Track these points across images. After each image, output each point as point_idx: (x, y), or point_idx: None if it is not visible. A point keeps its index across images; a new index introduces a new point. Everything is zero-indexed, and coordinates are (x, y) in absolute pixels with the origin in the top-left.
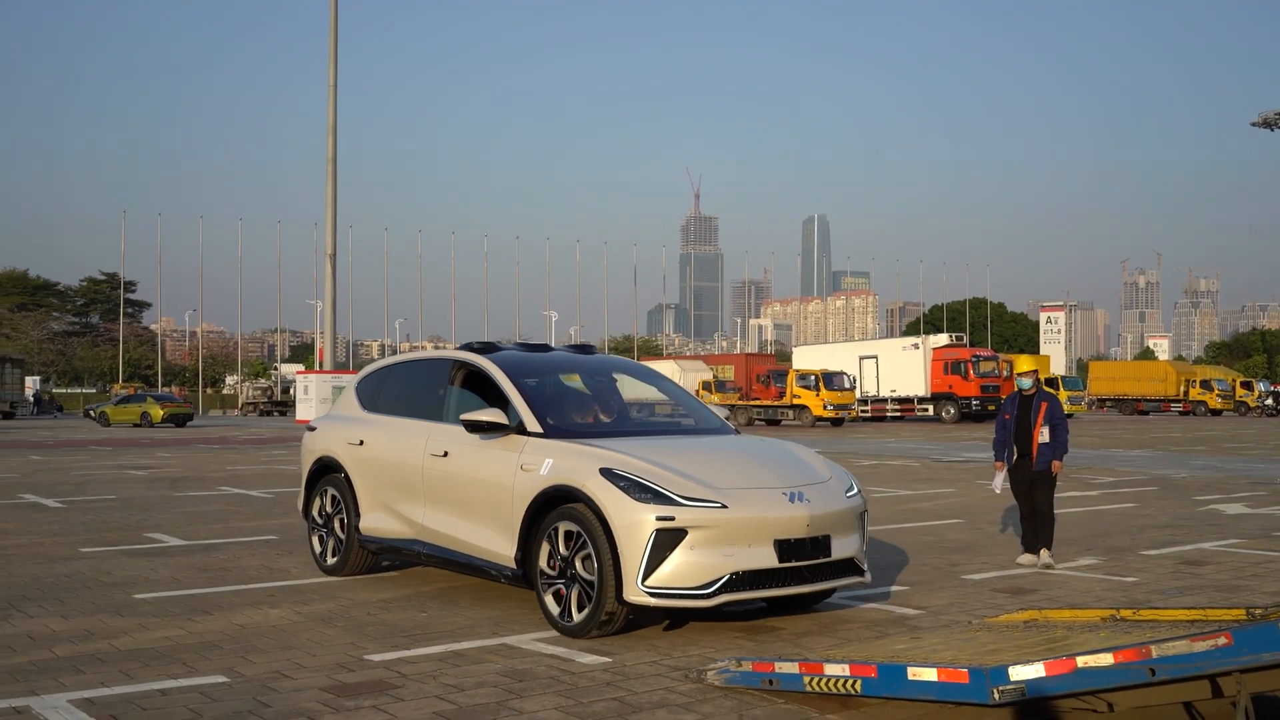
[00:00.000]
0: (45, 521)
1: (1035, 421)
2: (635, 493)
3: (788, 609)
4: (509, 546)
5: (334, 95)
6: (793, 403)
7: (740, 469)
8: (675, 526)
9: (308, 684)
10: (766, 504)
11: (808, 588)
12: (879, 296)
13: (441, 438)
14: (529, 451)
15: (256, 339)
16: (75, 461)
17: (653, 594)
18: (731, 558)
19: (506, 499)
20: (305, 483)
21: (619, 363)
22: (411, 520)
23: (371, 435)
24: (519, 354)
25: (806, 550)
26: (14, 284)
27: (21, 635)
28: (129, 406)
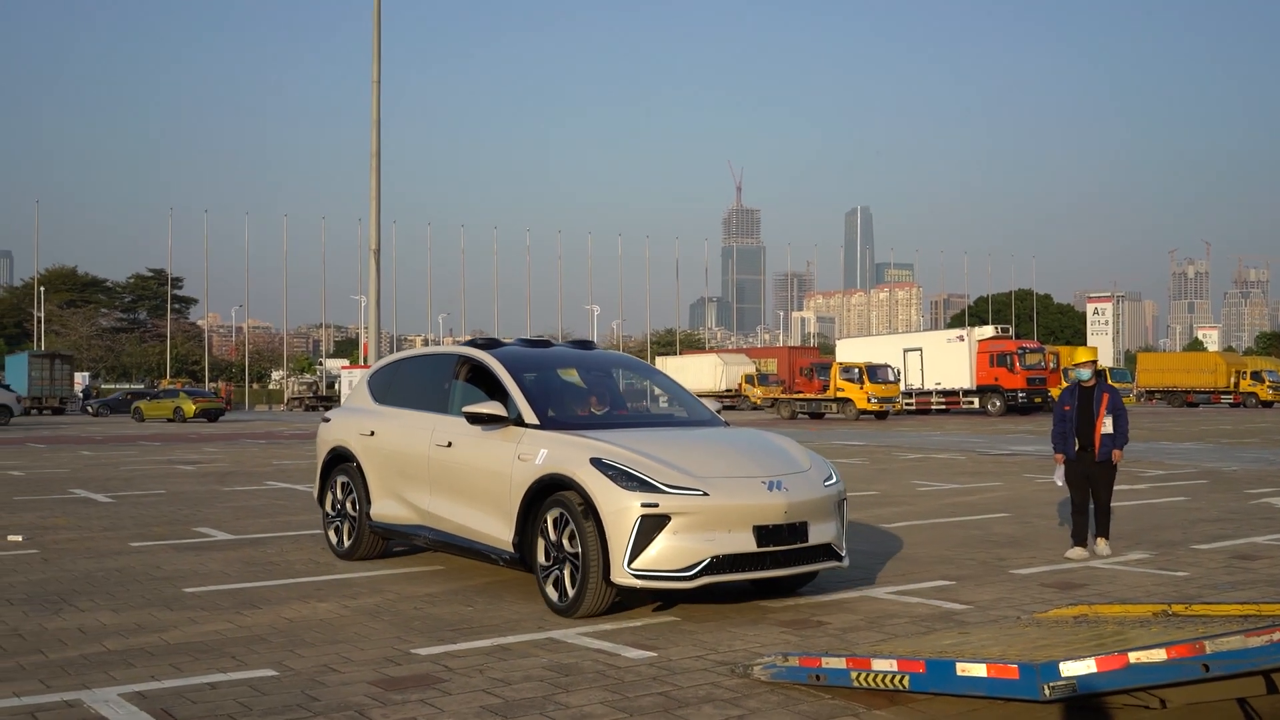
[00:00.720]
0: (95, 516)
1: (1098, 412)
2: (622, 481)
3: (773, 592)
4: (507, 531)
5: (378, 91)
6: (836, 396)
7: (723, 459)
8: (659, 513)
9: (355, 678)
10: (746, 492)
11: (785, 571)
12: (922, 288)
13: (446, 429)
14: (526, 442)
15: (301, 334)
16: (124, 457)
17: (638, 575)
18: (712, 542)
19: (505, 487)
20: (320, 472)
21: (616, 358)
22: (418, 507)
23: (381, 426)
24: (520, 349)
25: (784, 536)
26: (63, 281)
27: (73, 629)
28: (163, 402)
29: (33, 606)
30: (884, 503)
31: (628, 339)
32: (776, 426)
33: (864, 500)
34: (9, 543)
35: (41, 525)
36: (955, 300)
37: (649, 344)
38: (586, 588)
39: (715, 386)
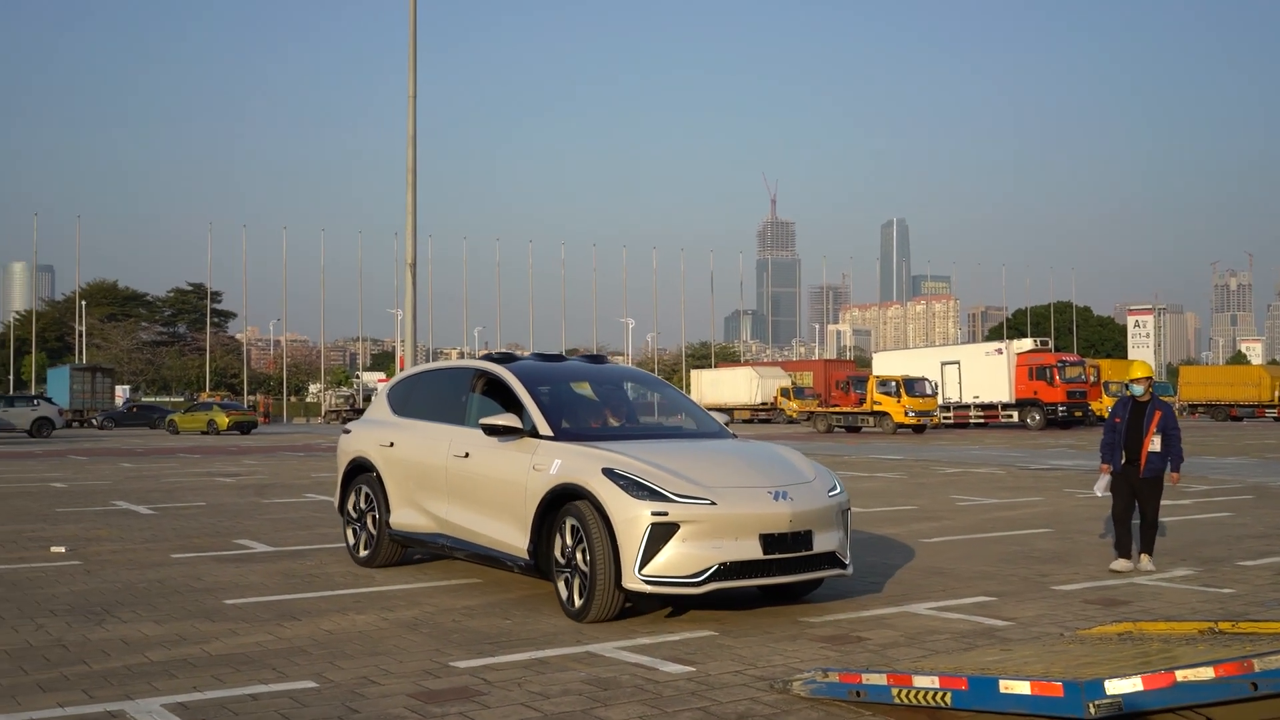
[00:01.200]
0: (137, 528)
1: (1147, 429)
2: (633, 490)
3: (781, 598)
4: (522, 539)
5: (413, 106)
6: (873, 409)
7: (730, 469)
8: (669, 521)
9: (395, 690)
10: (753, 501)
11: (790, 578)
12: (960, 301)
13: (463, 440)
14: (540, 453)
15: (338, 347)
16: (165, 469)
17: (649, 581)
18: (720, 550)
19: (520, 496)
20: (341, 481)
21: (627, 371)
22: (436, 515)
23: (401, 438)
24: (534, 363)
25: (789, 544)
26: (104, 295)
27: (115, 640)
28: (197, 415)
29: (76, 617)
30: (922, 517)
31: (662, 352)
32: (812, 440)
33: (902, 515)
34: (52, 554)
35: (84, 537)
36: (993, 313)
37: (684, 357)
38: (595, 593)
39: (750, 400)
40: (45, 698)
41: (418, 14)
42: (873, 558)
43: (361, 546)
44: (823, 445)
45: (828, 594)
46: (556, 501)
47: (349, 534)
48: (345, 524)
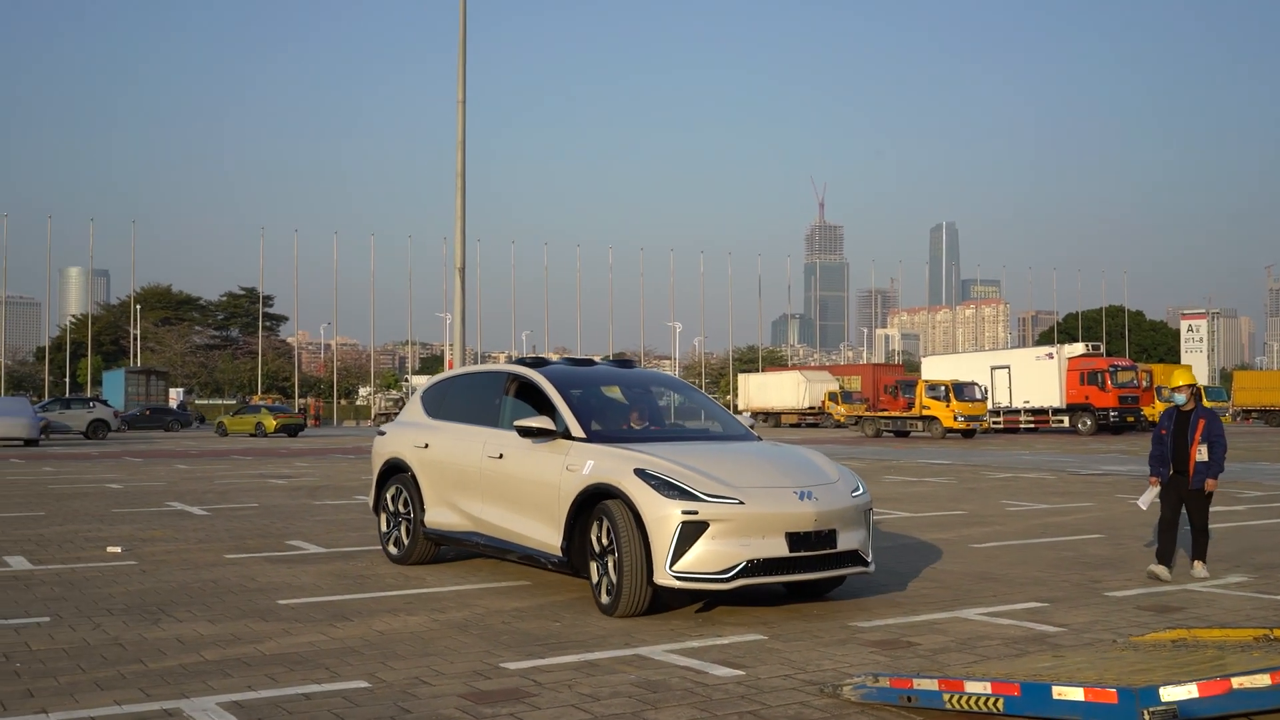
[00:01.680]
0: (191, 529)
1: (1192, 439)
2: (664, 490)
3: (805, 595)
4: (555, 537)
5: (463, 111)
6: (922, 414)
7: (757, 470)
8: (699, 519)
9: (446, 690)
10: (779, 501)
11: (815, 575)
12: (1010, 305)
13: (497, 442)
14: (574, 454)
15: (388, 351)
16: (218, 470)
17: (679, 578)
18: (747, 547)
19: (553, 496)
20: (376, 482)
21: (655, 376)
22: (470, 514)
23: (435, 439)
24: (566, 368)
25: (814, 542)
26: (158, 299)
27: (171, 639)
28: (245, 417)
29: (132, 616)
30: (972, 522)
31: (709, 356)
32: (860, 445)
33: (952, 520)
34: (108, 554)
35: (139, 537)
36: (1044, 317)
37: (730, 361)
38: (623, 588)
39: (798, 404)
40: (103, 696)
41: (467, 18)
42: (922, 562)
43: (395, 544)
44: (871, 450)
45: (877, 599)
46: (589, 501)
47: (383, 532)
48: (380, 523)
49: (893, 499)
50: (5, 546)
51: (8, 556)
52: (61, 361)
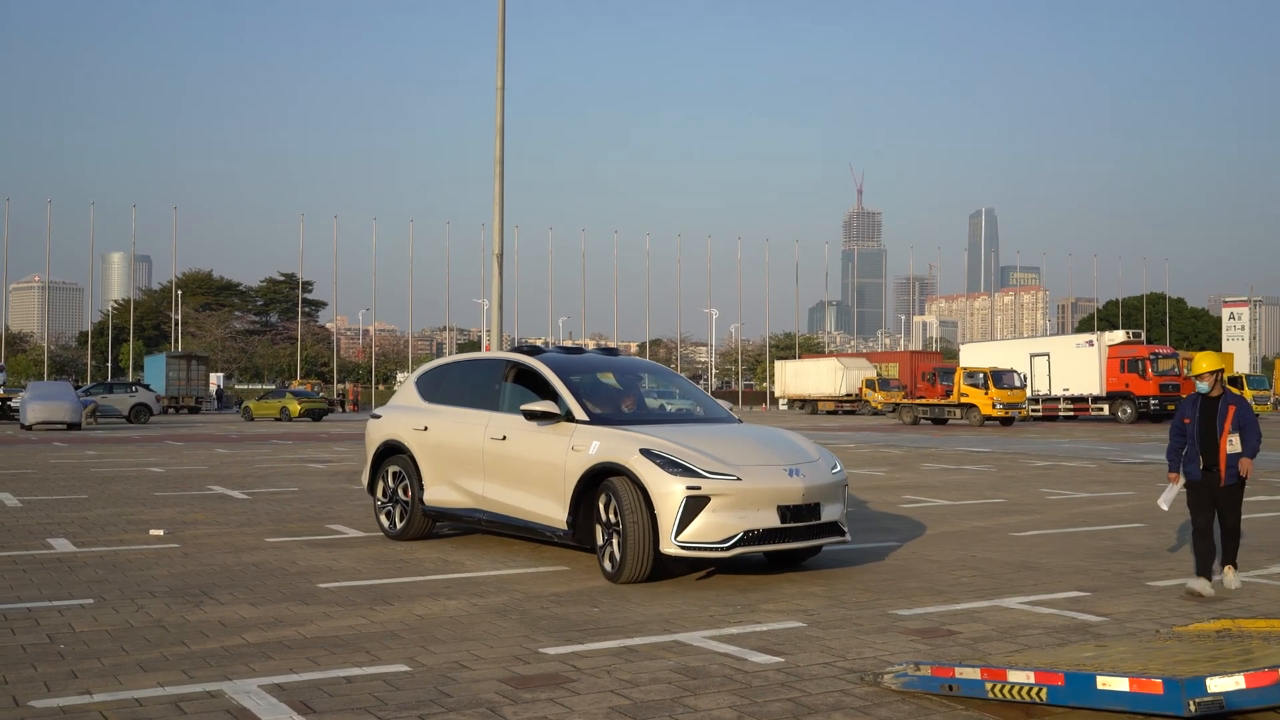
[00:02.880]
0: (232, 512)
1: (1222, 428)
2: (669, 468)
3: (784, 564)
4: (561, 512)
5: (502, 98)
6: (960, 401)
7: (749, 450)
8: (701, 494)
9: (486, 675)
10: (771, 477)
11: (803, 544)
12: (1049, 292)
13: (500, 424)
14: (578, 435)
15: (425, 337)
16: (258, 455)
17: (684, 547)
18: (744, 519)
19: (559, 474)
20: (371, 462)
21: (644, 363)
22: (472, 492)
23: (434, 422)
24: (563, 356)
25: (802, 514)
26: (199, 285)
27: (214, 621)
28: (270, 402)
29: (175, 599)
30: (1012, 510)
31: (746, 342)
32: (898, 432)
33: (991, 508)
34: (151, 537)
35: (181, 520)
36: (1083, 304)
37: (767, 348)
38: (628, 556)
39: (835, 391)
40: (146, 677)
41: (507, 5)
42: (963, 550)
43: (395, 521)
44: (909, 437)
45: (917, 586)
46: (594, 478)
47: (379, 509)
48: (375, 501)
49: (931, 487)
50: (49, 529)
51: (52, 539)
52: (103, 346)
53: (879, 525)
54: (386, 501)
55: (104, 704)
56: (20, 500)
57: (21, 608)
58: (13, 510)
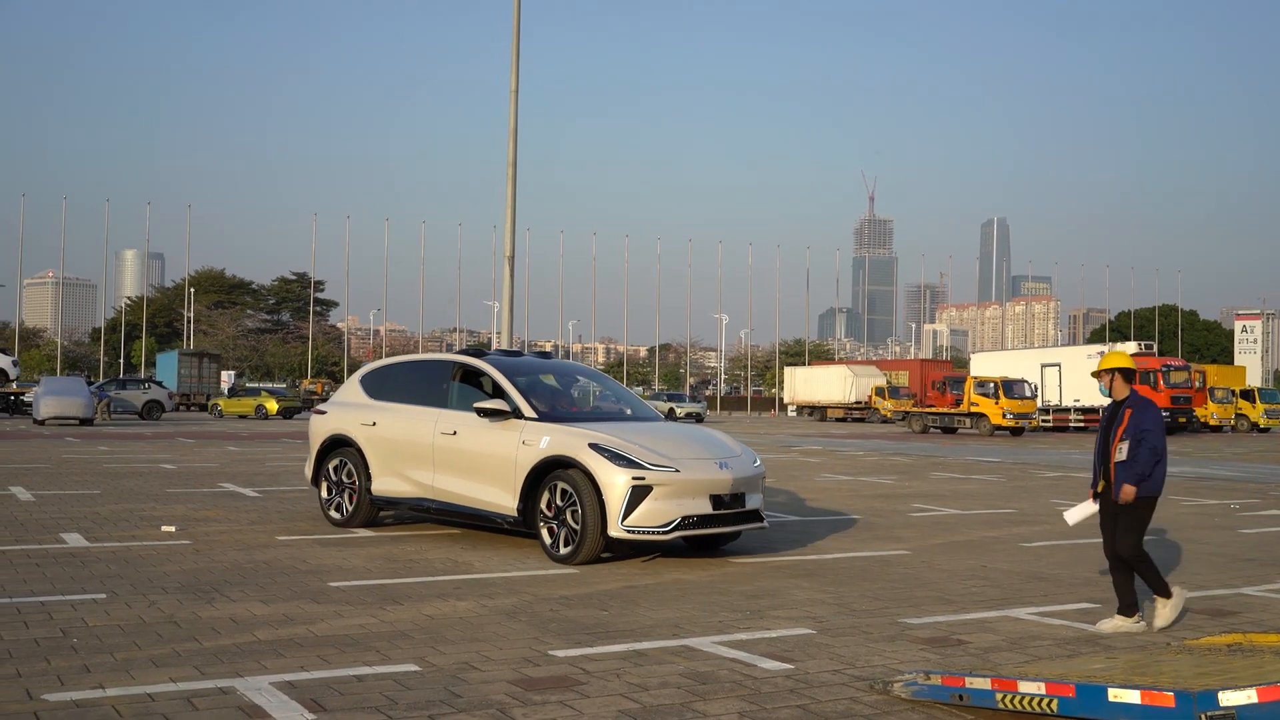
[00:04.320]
0: (244, 510)
1: (1114, 436)
2: (616, 461)
3: (702, 549)
4: (511, 501)
5: (515, 101)
6: (970, 410)
7: (683, 445)
8: (644, 484)
9: (496, 676)
10: (705, 469)
11: (732, 528)
12: (1061, 302)
13: (449, 420)
14: (528, 431)
15: (436, 338)
16: (269, 453)
17: (629, 531)
18: (682, 506)
19: (509, 466)
20: (316, 455)
21: (579, 367)
22: (421, 483)
23: (382, 418)
24: (506, 358)
25: (730, 503)
26: (212, 283)
27: (225, 618)
28: (244, 399)
29: (186, 595)
30: (1021, 521)
31: (756, 348)
32: (908, 440)
33: (1001, 518)
34: (163, 533)
35: (193, 517)
36: (1095, 315)
37: (777, 354)
38: (585, 540)
39: (844, 398)
40: (158, 673)
41: (521, 9)
42: (972, 560)
43: (339, 509)
44: (918, 446)
45: (926, 595)
46: (544, 470)
47: (325, 499)
48: (321, 492)
49: (941, 496)
50: (62, 523)
51: (65, 533)
52: (116, 342)
53: (888, 534)
54: (333, 492)
55: (116, 698)
56: (33, 495)
57: (35, 601)
58: (26, 504)
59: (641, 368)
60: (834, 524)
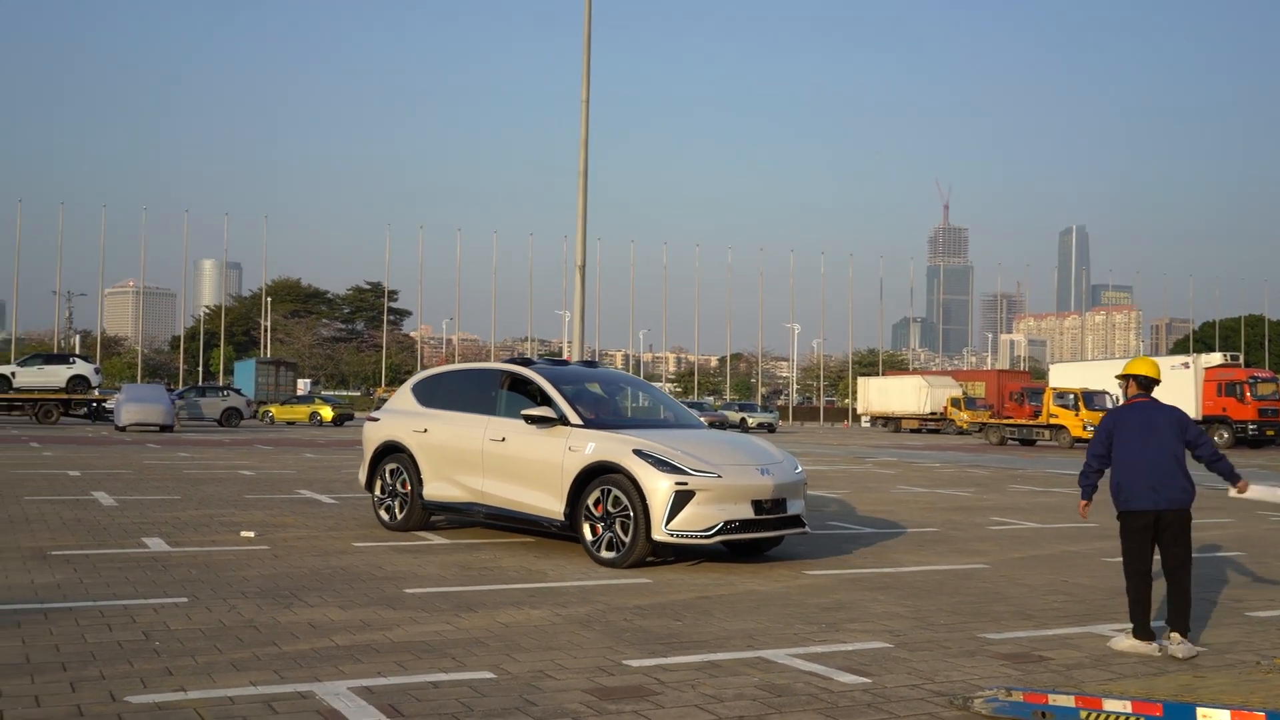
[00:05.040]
0: (320, 516)
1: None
2: (660, 467)
3: (745, 554)
4: (559, 505)
5: (586, 111)
6: (1049, 422)
7: (725, 452)
8: (687, 489)
9: (570, 685)
10: (746, 475)
11: (774, 533)
12: (1142, 312)
13: (498, 427)
14: (574, 438)
15: (507, 347)
16: (345, 460)
17: (672, 535)
18: (724, 510)
19: (557, 472)
20: (370, 461)
21: (622, 375)
22: (471, 488)
23: (433, 425)
24: (554, 367)
25: (771, 508)
26: (288, 292)
27: (303, 623)
28: (298, 406)
29: (265, 600)
30: (1103, 535)
31: (828, 358)
32: (984, 452)
33: (1082, 532)
34: (242, 539)
35: (271, 523)
36: (1178, 325)
37: (850, 364)
38: (636, 543)
39: (919, 409)
40: (239, 676)
41: (592, 20)
42: (1053, 575)
43: (395, 513)
44: (995, 458)
45: (1006, 609)
46: (589, 475)
47: (378, 504)
48: (374, 497)
49: (1020, 509)
50: (144, 528)
51: (147, 538)
52: (195, 350)
53: (966, 547)
54: (386, 496)
55: (198, 701)
56: (116, 500)
57: (118, 605)
58: (109, 509)
59: (713, 377)
60: (910, 537)
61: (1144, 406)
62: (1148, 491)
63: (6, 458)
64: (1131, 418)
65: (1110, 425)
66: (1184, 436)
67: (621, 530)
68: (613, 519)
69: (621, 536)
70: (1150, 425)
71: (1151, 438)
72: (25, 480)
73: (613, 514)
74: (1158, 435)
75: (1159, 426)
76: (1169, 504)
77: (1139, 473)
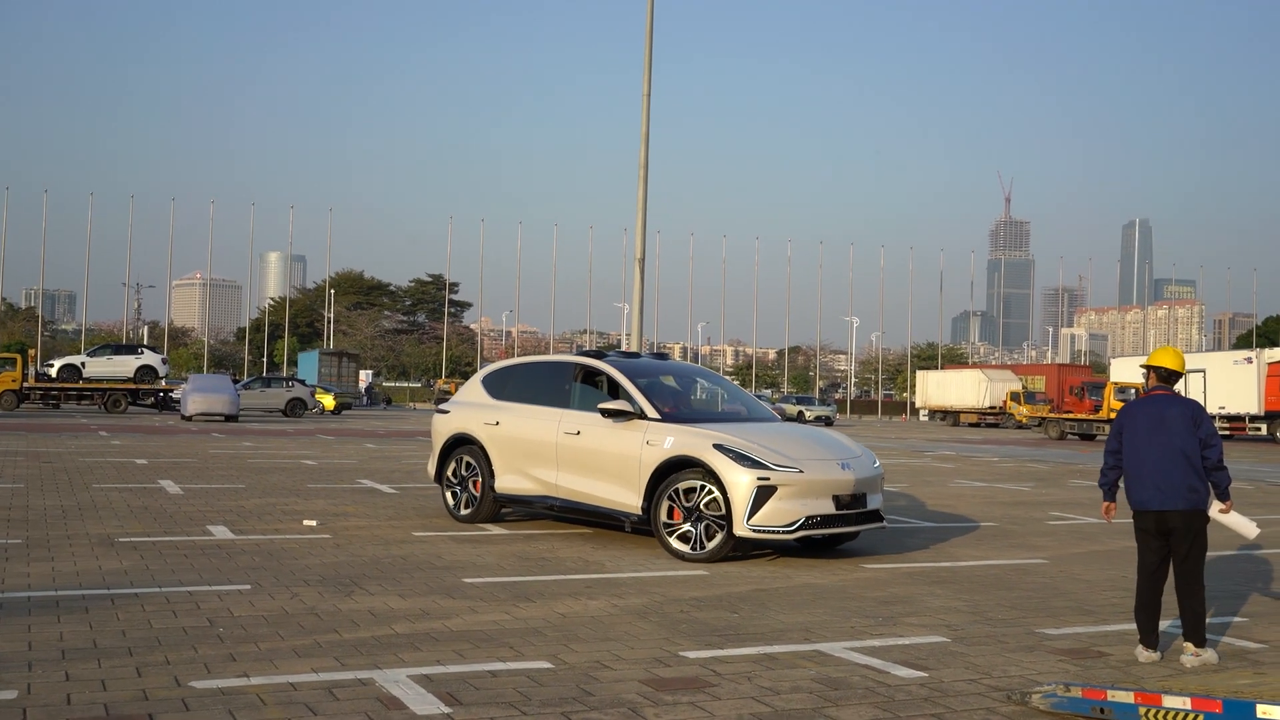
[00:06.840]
0: (381, 506)
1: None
2: (741, 461)
3: (818, 549)
4: (636, 499)
5: (647, 105)
6: (1109, 417)
7: (805, 446)
8: (769, 484)
9: (627, 675)
10: (827, 470)
11: (854, 528)
12: (1205, 306)
13: (572, 420)
14: (651, 431)
15: (566, 339)
16: (405, 451)
17: (754, 530)
18: (805, 506)
19: (634, 466)
20: (440, 453)
21: (695, 368)
22: (544, 481)
23: (505, 418)
24: (627, 360)
25: (852, 503)
26: (351, 284)
27: (364, 611)
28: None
29: (327, 588)
30: None
31: (887, 351)
32: (1044, 447)
33: None
34: (305, 527)
35: (333, 512)
36: (1241, 320)
37: (909, 358)
38: (716, 539)
39: (978, 403)
40: (300, 663)
41: (655, 14)
42: (1113, 571)
43: (463, 506)
44: (1055, 452)
45: (1065, 605)
46: (667, 470)
47: (448, 495)
48: (445, 488)
49: (1080, 504)
50: (209, 516)
51: (211, 526)
52: (260, 342)
53: (1025, 542)
54: (455, 488)
55: (260, 686)
56: (181, 488)
57: (183, 591)
58: (175, 497)
59: (770, 370)
60: (968, 531)
61: (1158, 400)
62: (1152, 490)
63: (76, 446)
64: (1142, 412)
65: (1122, 420)
66: (1197, 434)
67: (702, 526)
68: (692, 514)
69: (702, 533)
70: (1160, 420)
71: (1159, 434)
72: (94, 468)
73: (691, 509)
74: (1166, 431)
75: (1170, 422)
76: (1174, 504)
77: (1144, 470)
